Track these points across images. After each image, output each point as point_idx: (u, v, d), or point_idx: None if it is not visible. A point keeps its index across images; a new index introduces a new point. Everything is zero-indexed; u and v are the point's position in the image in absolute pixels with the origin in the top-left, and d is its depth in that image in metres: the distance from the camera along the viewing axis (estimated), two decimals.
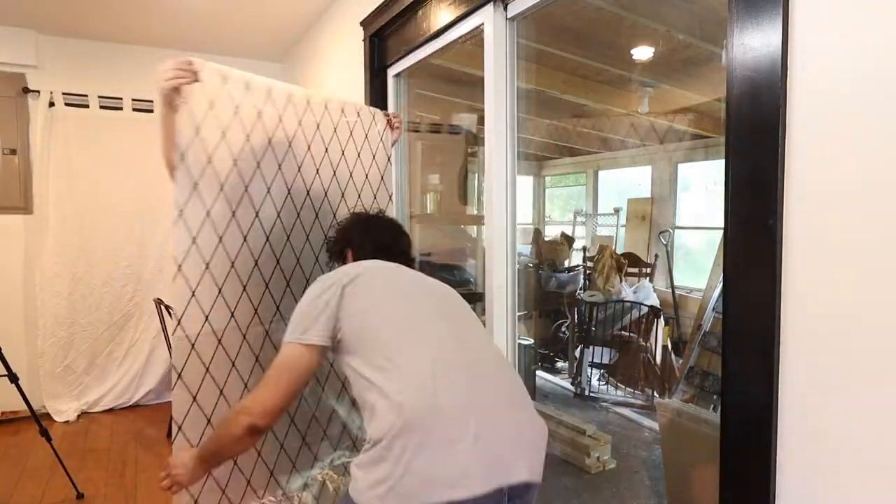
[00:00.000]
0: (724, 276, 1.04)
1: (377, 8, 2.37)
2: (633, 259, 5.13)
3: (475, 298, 2.91)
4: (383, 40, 2.47)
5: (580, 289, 4.73)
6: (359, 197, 1.88)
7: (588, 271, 4.88)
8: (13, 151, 3.51)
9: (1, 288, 3.53)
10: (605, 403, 3.91)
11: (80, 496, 2.57)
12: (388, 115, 1.96)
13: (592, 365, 4.21)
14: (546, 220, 7.31)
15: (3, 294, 3.53)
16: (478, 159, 2.89)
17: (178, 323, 1.41)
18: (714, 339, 3.27)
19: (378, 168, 1.93)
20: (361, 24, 2.53)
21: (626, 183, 6.10)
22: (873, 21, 0.83)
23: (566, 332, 4.70)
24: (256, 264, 1.60)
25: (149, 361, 3.79)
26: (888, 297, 0.83)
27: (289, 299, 1.67)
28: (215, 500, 1.51)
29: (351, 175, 1.86)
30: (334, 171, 1.81)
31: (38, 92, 3.47)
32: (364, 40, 2.53)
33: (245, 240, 1.56)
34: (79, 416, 3.59)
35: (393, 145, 1.97)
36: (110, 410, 3.71)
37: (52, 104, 3.51)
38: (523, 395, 1.18)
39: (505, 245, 1.80)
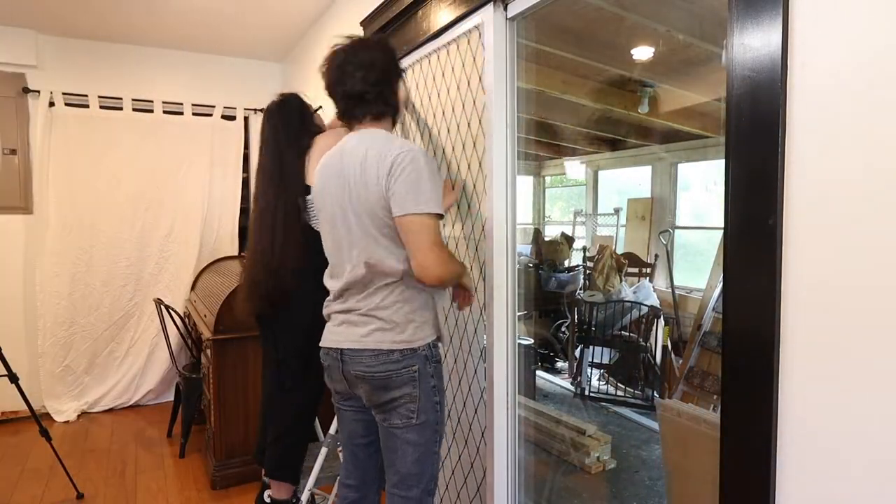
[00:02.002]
0: (724, 276, 1.04)
1: (377, 8, 2.36)
2: (633, 259, 5.13)
3: None
4: None
5: (580, 289, 4.72)
6: None
7: (588, 271, 4.88)
8: (13, 151, 3.51)
9: (1, 288, 3.53)
10: (604, 403, 3.91)
11: (80, 496, 2.57)
12: None
13: (592, 365, 4.21)
14: (546, 220, 7.31)
15: (3, 294, 3.53)
16: None
17: None
18: (714, 339, 3.27)
19: None
20: (361, 24, 2.53)
21: (626, 183, 6.10)
22: (873, 20, 0.83)
23: (566, 332, 4.70)
24: None
25: (149, 361, 3.79)
26: (889, 297, 0.83)
27: None
28: None
29: None
30: None
31: (38, 92, 3.47)
32: None
33: None
34: (79, 416, 3.59)
35: None
36: (110, 410, 3.71)
37: (52, 104, 3.52)
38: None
39: (505, 245, 1.80)
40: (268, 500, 2.01)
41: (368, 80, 1.43)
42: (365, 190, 1.38)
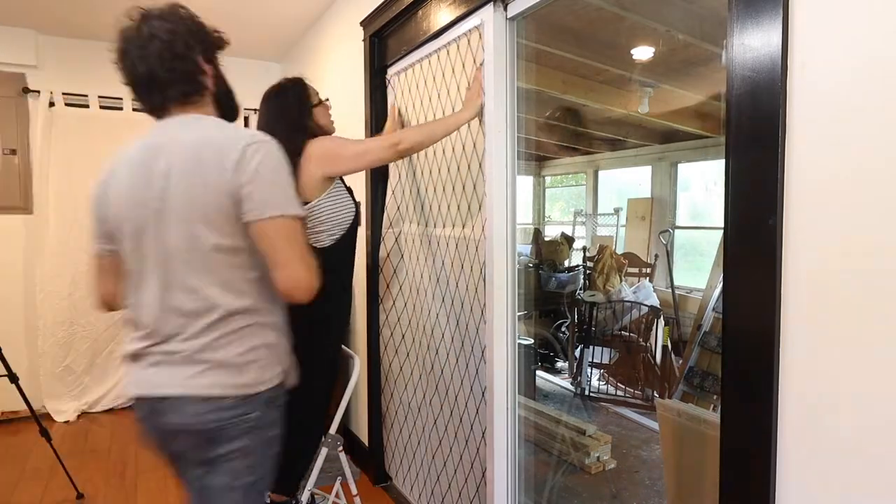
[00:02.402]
0: (724, 276, 1.04)
1: (377, 8, 2.37)
2: (633, 259, 5.13)
3: None
4: (383, 40, 2.47)
5: (580, 289, 4.73)
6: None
7: (588, 271, 4.88)
8: (13, 151, 3.51)
9: (1, 288, 3.53)
10: (604, 403, 3.91)
11: (80, 496, 2.57)
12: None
13: (592, 365, 4.21)
14: (546, 220, 7.31)
15: (3, 294, 3.53)
16: None
17: None
18: (714, 339, 3.27)
19: None
20: (361, 24, 2.53)
21: (626, 183, 6.11)
22: (873, 21, 0.83)
23: (566, 332, 4.70)
24: None
25: None
26: (889, 296, 0.83)
27: None
28: None
29: None
30: None
31: (38, 92, 3.47)
32: (364, 40, 2.53)
33: None
34: (79, 416, 3.59)
35: None
36: (110, 410, 3.71)
37: (52, 104, 3.51)
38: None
39: (505, 245, 1.80)
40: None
41: (154, 56, 1.20)
42: (202, 190, 1.10)
